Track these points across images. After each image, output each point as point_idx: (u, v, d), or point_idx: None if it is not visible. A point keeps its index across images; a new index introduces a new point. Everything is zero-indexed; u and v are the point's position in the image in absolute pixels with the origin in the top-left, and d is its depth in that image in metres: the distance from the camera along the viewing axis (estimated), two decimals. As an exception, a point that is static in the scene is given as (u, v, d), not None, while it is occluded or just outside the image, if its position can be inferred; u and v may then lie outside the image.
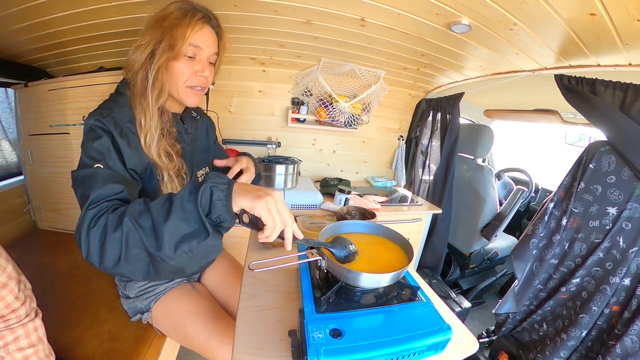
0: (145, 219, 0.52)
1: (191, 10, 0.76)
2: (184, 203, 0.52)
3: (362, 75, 1.92)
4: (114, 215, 0.55)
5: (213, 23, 0.81)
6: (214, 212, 0.52)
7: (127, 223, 0.52)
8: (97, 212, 0.57)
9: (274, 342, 0.64)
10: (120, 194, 0.63)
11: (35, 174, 1.77)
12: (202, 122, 1.05)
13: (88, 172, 0.63)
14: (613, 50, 1.02)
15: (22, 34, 1.32)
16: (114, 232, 0.52)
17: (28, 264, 1.30)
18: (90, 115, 0.70)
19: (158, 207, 0.53)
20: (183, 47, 0.74)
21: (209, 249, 0.53)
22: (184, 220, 0.51)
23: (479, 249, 2.16)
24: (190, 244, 0.51)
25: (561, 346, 1.14)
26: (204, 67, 0.81)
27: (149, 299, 0.97)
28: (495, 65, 1.50)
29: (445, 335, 0.59)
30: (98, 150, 0.66)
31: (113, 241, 0.52)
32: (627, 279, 1.04)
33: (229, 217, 0.53)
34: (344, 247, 0.68)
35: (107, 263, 0.53)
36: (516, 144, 4.29)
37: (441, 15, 1.07)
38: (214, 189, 0.52)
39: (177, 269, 0.54)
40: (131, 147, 0.72)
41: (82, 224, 0.55)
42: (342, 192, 1.68)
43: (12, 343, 0.65)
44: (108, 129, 0.69)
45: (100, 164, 0.65)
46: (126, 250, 0.52)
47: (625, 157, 1.04)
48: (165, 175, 0.81)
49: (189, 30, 0.73)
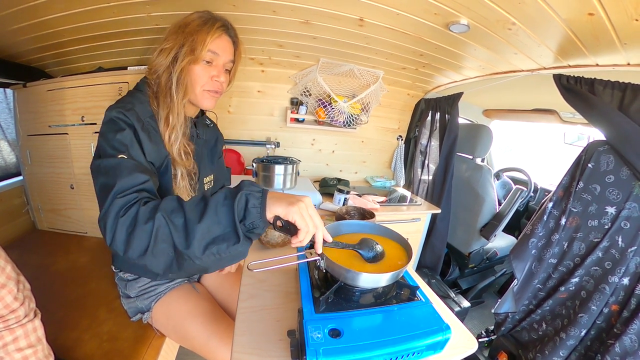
0: (178, 216, 0.53)
1: (211, 19, 0.81)
2: (218, 206, 0.53)
3: (361, 75, 1.92)
4: (146, 208, 0.55)
5: (231, 33, 0.86)
6: (248, 218, 0.53)
7: (160, 218, 0.53)
8: (126, 201, 0.57)
9: (273, 342, 0.64)
10: (146, 183, 0.63)
11: (34, 174, 1.76)
12: (213, 131, 1.10)
13: (112, 162, 0.64)
14: (611, 50, 1.02)
15: (20, 34, 1.32)
16: (145, 224, 0.53)
17: (27, 264, 1.30)
18: (111, 108, 0.72)
19: (192, 206, 0.54)
20: (202, 52, 0.78)
21: (236, 254, 0.55)
22: (217, 223, 0.52)
23: (478, 249, 2.16)
24: (220, 247, 0.52)
25: (560, 345, 1.14)
26: (219, 73, 0.85)
27: (149, 299, 0.97)
28: (494, 65, 1.51)
29: (445, 335, 0.59)
30: (121, 142, 0.67)
31: (142, 233, 0.53)
32: (626, 278, 1.04)
33: (261, 224, 0.54)
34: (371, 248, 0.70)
35: (133, 253, 0.53)
36: (515, 143, 4.30)
37: (440, 15, 1.07)
38: (250, 196, 0.54)
39: (200, 268, 0.56)
40: (152, 141, 0.75)
41: (109, 212, 0.55)
42: (341, 192, 1.68)
43: (11, 343, 0.65)
44: (131, 122, 0.71)
45: (124, 154, 0.66)
46: (154, 243, 0.52)
47: (623, 157, 1.04)
48: (179, 173, 0.84)
49: (208, 37, 0.78)
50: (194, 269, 0.55)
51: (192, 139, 0.92)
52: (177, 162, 0.82)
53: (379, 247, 0.71)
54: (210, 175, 1.06)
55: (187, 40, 0.77)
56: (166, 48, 0.78)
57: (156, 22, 1.28)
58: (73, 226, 1.76)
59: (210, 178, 1.06)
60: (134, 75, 1.55)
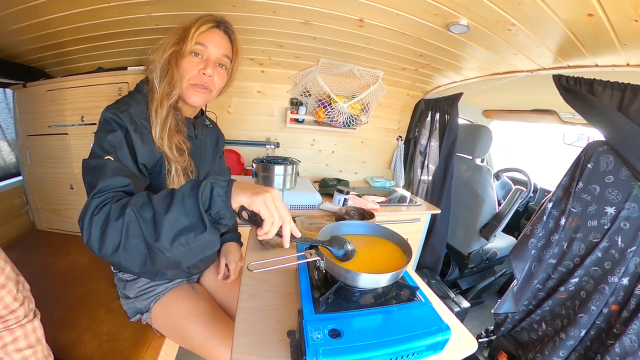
0: (147, 210, 0.54)
1: (205, 15, 0.82)
2: (185, 197, 0.54)
3: (360, 76, 1.92)
4: (117, 205, 0.56)
5: (226, 29, 0.86)
6: (213, 207, 0.54)
7: (130, 213, 0.54)
8: (101, 201, 0.58)
9: (273, 343, 0.63)
10: (126, 187, 0.64)
11: (33, 174, 1.76)
12: (213, 132, 1.09)
13: (98, 163, 0.65)
14: (611, 50, 1.02)
15: (20, 34, 1.32)
16: (116, 220, 0.54)
17: (26, 264, 1.30)
18: (107, 109, 0.73)
19: (160, 200, 0.55)
20: (189, 44, 0.78)
21: (205, 244, 0.55)
22: (183, 214, 0.53)
23: (477, 249, 2.16)
24: (187, 237, 0.53)
25: (560, 346, 1.14)
26: (207, 65, 0.82)
27: (148, 299, 0.96)
28: (494, 66, 1.51)
29: (444, 335, 0.59)
30: (111, 143, 0.68)
31: (114, 229, 0.54)
32: (626, 279, 1.05)
33: (227, 214, 0.54)
34: (341, 246, 0.69)
35: (106, 250, 0.54)
36: (514, 144, 4.30)
37: (439, 15, 1.07)
38: (215, 185, 0.54)
39: (173, 261, 0.55)
40: (144, 142, 0.75)
41: (87, 211, 0.57)
42: (340, 192, 1.68)
43: (10, 344, 0.65)
44: (123, 124, 0.71)
45: (111, 156, 0.67)
46: (126, 239, 0.53)
47: (623, 157, 1.04)
48: (173, 169, 0.84)
49: (194, 28, 0.79)
50: (166, 262, 0.55)
51: (189, 138, 0.90)
52: (169, 157, 0.82)
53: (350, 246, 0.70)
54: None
55: (177, 34, 0.80)
56: (160, 44, 0.80)
57: (156, 23, 1.28)
58: (73, 226, 1.76)
59: None
60: (134, 76, 1.55)
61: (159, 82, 0.79)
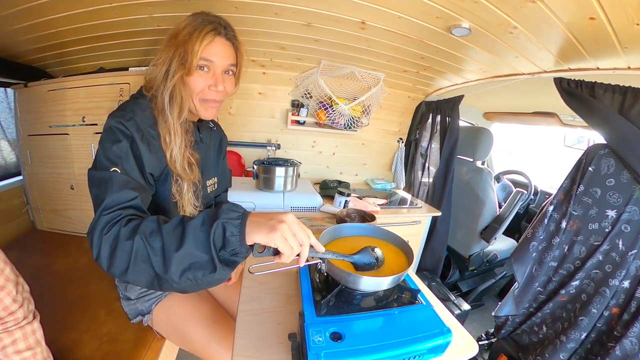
0: (157, 240, 0.53)
1: (201, 23, 0.74)
2: (196, 232, 0.53)
3: (362, 78, 1.92)
4: (127, 228, 0.56)
5: (227, 34, 0.79)
6: (228, 246, 0.53)
7: (138, 240, 0.53)
8: (111, 219, 0.58)
9: (273, 346, 0.63)
10: (133, 200, 0.63)
11: (34, 174, 1.76)
12: (217, 133, 1.09)
13: (104, 175, 0.64)
14: (612, 53, 1.02)
15: (22, 34, 1.32)
16: (125, 244, 0.54)
17: (26, 264, 1.30)
18: (112, 116, 0.70)
19: (170, 230, 0.54)
20: (194, 62, 0.73)
21: (213, 281, 0.55)
22: (194, 250, 0.52)
23: (478, 252, 2.16)
24: (196, 274, 0.52)
25: (561, 348, 1.14)
26: (217, 82, 0.79)
27: (150, 301, 0.96)
28: (495, 69, 1.51)
29: (446, 338, 0.59)
30: (116, 154, 0.67)
31: (123, 252, 0.54)
32: (627, 282, 1.04)
33: (243, 250, 0.54)
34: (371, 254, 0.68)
35: (115, 270, 0.55)
36: (515, 146, 4.31)
37: (441, 18, 1.08)
38: (227, 224, 0.53)
39: (179, 289, 0.55)
40: (151, 151, 0.73)
41: (96, 228, 0.57)
42: (341, 194, 1.68)
43: (10, 346, 0.65)
44: (129, 134, 0.69)
45: (118, 168, 0.65)
46: (134, 263, 0.53)
47: (624, 160, 1.04)
48: (185, 186, 0.83)
49: (197, 44, 0.72)
50: (174, 289, 0.56)
51: (196, 145, 0.89)
52: (182, 176, 0.81)
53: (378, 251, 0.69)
54: (214, 178, 1.04)
55: (178, 51, 0.73)
56: (159, 63, 0.74)
57: (158, 23, 1.28)
58: (73, 227, 1.76)
59: (213, 181, 1.04)
60: (135, 76, 1.56)
61: (169, 108, 0.75)
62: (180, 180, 0.82)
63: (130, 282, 0.56)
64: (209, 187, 1.01)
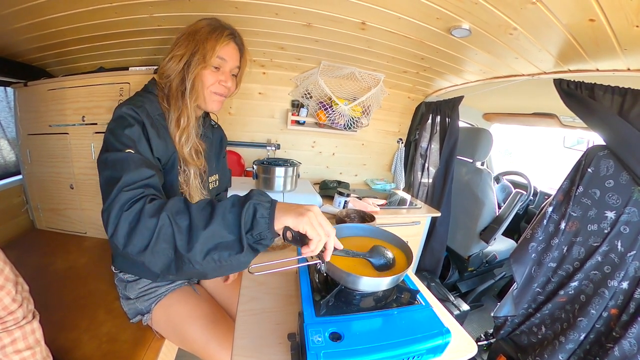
0: (184, 218, 0.53)
1: (219, 27, 0.85)
2: (226, 213, 0.53)
3: (362, 78, 1.93)
4: (152, 205, 0.55)
5: (237, 40, 0.90)
6: (256, 229, 0.53)
7: (164, 217, 0.52)
8: (132, 195, 0.56)
9: (273, 346, 0.64)
10: (151, 178, 0.64)
11: (33, 173, 1.76)
12: (218, 132, 1.13)
13: (120, 156, 0.64)
14: (612, 55, 1.03)
15: (22, 33, 1.32)
16: (148, 221, 0.52)
17: (25, 264, 1.30)
18: (121, 105, 0.74)
19: (198, 210, 0.54)
20: (212, 59, 0.82)
21: (238, 264, 0.54)
22: (222, 230, 0.52)
23: (477, 252, 2.16)
24: (222, 254, 0.52)
25: (560, 349, 1.14)
26: (227, 78, 0.89)
27: (149, 301, 0.96)
28: (495, 70, 1.51)
29: (445, 339, 0.59)
30: (129, 137, 0.68)
31: (145, 229, 0.52)
32: (625, 283, 1.05)
33: (269, 235, 0.53)
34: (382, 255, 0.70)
35: (132, 248, 0.53)
36: (515, 147, 4.31)
37: (442, 19, 1.08)
38: (258, 206, 0.53)
39: (198, 273, 0.54)
40: (160, 137, 0.77)
41: (114, 204, 0.55)
42: (341, 194, 1.68)
43: (9, 345, 0.65)
44: (140, 119, 0.73)
45: (132, 149, 0.66)
46: (155, 242, 0.52)
47: (623, 162, 1.04)
48: (192, 172, 0.87)
49: (218, 44, 0.82)
50: (192, 273, 0.54)
51: (202, 137, 0.95)
52: (188, 162, 0.85)
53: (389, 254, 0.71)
54: (215, 175, 1.08)
55: (198, 47, 0.81)
56: (177, 54, 0.81)
57: (158, 23, 1.28)
58: (72, 226, 1.76)
59: (215, 177, 1.08)
60: (136, 76, 1.56)
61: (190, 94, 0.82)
62: (187, 169, 0.86)
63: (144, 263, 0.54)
64: (210, 184, 1.04)
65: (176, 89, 0.83)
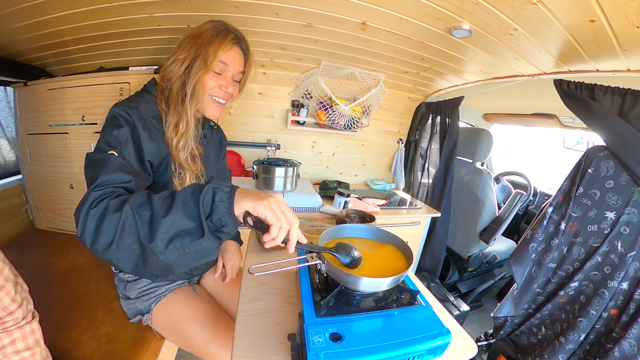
0: (146, 209, 0.53)
1: (224, 31, 0.83)
2: (185, 200, 0.53)
3: (362, 79, 1.93)
4: (116, 200, 0.55)
5: (242, 45, 0.89)
6: (215, 213, 0.52)
7: (127, 210, 0.53)
8: (100, 194, 0.57)
9: (273, 346, 0.63)
10: (127, 183, 0.64)
11: (33, 173, 1.76)
12: (218, 132, 1.12)
13: (101, 157, 0.65)
14: (612, 56, 1.03)
15: (22, 32, 1.32)
16: (112, 216, 0.53)
17: (25, 264, 1.30)
18: (116, 105, 0.73)
19: (160, 200, 0.54)
20: (214, 63, 0.81)
21: (202, 251, 0.53)
22: (182, 216, 0.51)
23: (477, 253, 2.16)
24: (183, 241, 0.51)
25: (560, 350, 1.14)
26: (228, 84, 0.88)
27: (149, 300, 0.96)
28: (495, 70, 1.51)
29: (445, 339, 0.59)
30: (116, 139, 0.68)
31: (109, 225, 0.52)
32: (625, 283, 1.05)
33: (230, 221, 0.53)
34: (348, 253, 0.68)
35: (99, 246, 0.53)
36: (515, 147, 4.31)
37: (442, 20, 1.08)
38: (217, 190, 0.53)
39: (166, 265, 0.54)
40: (152, 140, 0.76)
41: (84, 203, 0.56)
42: (341, 195, 1.68)
43: (8, 346, 0.65)
44: (131, 121, 0.72)
45: (115, 151, 0.67)
46: (120, 236, 0.52)
47: (623, 162, 1.04)
48: (187, 176, 0.86)
49: (220, 48, 0.81)
50: (158, 266, 0.54)
51: (200, 140, 0.93)
52: (183, 167, 0.84)
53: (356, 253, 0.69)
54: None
55: (200, 52, 0.80)
56: (180, 58, 0.80)
57: (159, 23, 1.28)
58: (72, 226, 1.75)
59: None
60: (136, 76, 1.56)
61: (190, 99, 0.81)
62: (183, 172, 0.85)
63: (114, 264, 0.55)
64: None
65: (177, 92, 0.82)
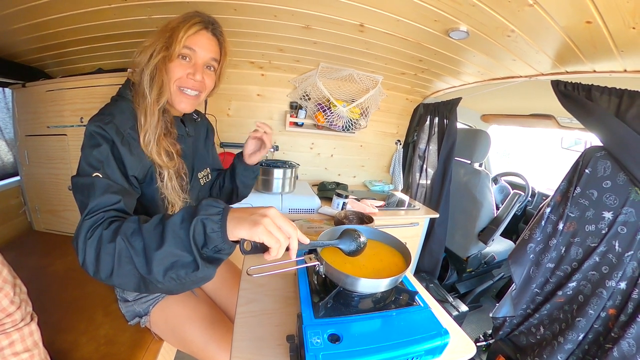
0: (137, 240, 0.53)
1: (192, 16, 0.78)
2: (175, 230, 0.52)
3: (360, 80, 1.93)
4: (109, 231, 0.56)
5: (214, 30, 0.82)
6: (210, 243, 0.51)
7: (120, 242, 0.53)
8: (93, 222, 0.58)
9: (272, 347, 0.63)
10: (117, 204, 0.64)
11: (31, 174, 1.75)
12: (202, 124, 1.07)
13: (87, 181, 0.64)
14: (608, 57, 1.03)
15: (21, 33, 1.32)
16: (107, 247, 0.54)
17: (23, 266, 1.29)
18: (91, 121, 0.70)
19: (150, 229, 0.53)
20: (177, 48, 0.75)
21: (198, 280, 0.54)
22: (174, 247, 0.51)
23: (476, 253, 2.16)
24: (179, 272, 0.52)
25: (558, 349, 1.14)
26: (195, 71, 0.80)
27: (147, 303, 0.96)
28: (493, 71, 1.52)
29: (443, 340, 0.59)
30: (97, 159, 0.66)
31: (107, 255, 0.54)
32: (623, 283, 1.05)
33: (227, 247, 0.52)
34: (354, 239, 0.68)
35: (101, 274, 0.55)
36: (513, 148, 4.32)
37: (439, 21, 1.08)
38: (207, 221, 0.51)
39: (166, 290, 0.55)
40: (133, 154, 0.73)
41: (80, 233, 0.57)
42: (339, 196, 1.68)
43: (7, 348, 0.64)
44: (109, 137, 0.69)
45: (99, 172, 0.65)
46: (118, 265, 0.53)
47: (620, 162, 1.05)
48: (166, 174, 0.81)
49: (182, 32, 0.75)
50: (161, 290, 0.55)
51: (181, 139, 0.89)
52: (159, 164, 0.79)
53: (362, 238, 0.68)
54: (206, 169, 1.05)
55: (163, 37, 0.76)
56: (145, 46, 0.76)
57: (157, 25, 1.27)
58: (70, 228, 1.75)
59: (205, 172, 1.04)
60: (134, 77, 1.55)
61: (149, 88, 0.75)
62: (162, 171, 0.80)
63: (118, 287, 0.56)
64: (201, 180, 1.02)
65: (141, 85, 0.76)
